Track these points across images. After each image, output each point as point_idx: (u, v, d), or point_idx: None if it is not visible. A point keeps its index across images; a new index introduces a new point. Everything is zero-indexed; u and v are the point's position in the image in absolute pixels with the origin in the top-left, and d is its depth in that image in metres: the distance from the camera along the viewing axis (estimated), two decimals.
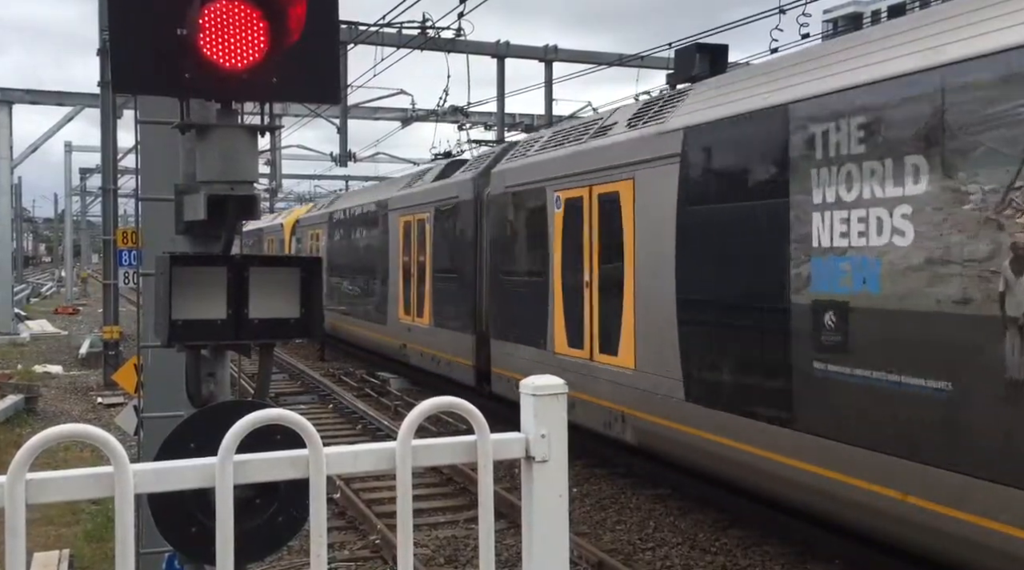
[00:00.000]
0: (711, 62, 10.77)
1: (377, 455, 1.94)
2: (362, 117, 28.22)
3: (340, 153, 24.57)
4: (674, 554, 9.06)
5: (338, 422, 16.25)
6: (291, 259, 3.41)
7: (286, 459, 1.86)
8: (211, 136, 3.27)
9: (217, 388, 3.44)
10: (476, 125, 26.58)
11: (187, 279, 3.18)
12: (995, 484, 6.01)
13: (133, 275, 17.66)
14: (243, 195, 3.27)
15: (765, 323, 8.11)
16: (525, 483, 2.09)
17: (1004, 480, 5.95)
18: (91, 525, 9.88)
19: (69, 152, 51.75)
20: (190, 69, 3.08)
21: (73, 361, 24.58)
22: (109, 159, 20.62)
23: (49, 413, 16.94)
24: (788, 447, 7.76)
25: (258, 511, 2.99)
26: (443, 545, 9.34)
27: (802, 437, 7.62)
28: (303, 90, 3.44)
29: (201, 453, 1.97)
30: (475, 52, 22.17)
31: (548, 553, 2.08)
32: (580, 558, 8.64)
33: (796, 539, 8.91)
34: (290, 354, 25.16)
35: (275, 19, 3.14)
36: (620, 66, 22.93)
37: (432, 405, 1.97)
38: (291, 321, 3.34)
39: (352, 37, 20.08)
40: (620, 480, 11.58)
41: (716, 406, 8.79)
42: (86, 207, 67.65)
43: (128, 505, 1.70)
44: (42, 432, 1.69)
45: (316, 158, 42.87)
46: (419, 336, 18.08)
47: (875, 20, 74.82)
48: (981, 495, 6.11)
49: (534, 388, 2.07)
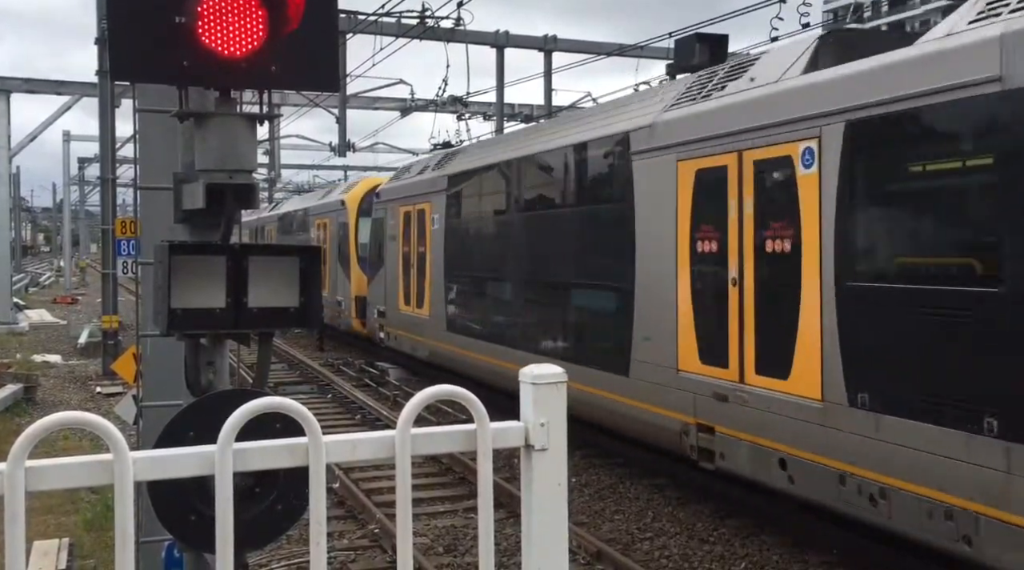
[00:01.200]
0: (711, 52, 10.75)
1: (376, 443, 1.94)
2: (361, 107, 28.14)
3: (339, 143, 24.51)
4: (672, 544, 9.09)
5: (337, 412, 16.27)
6: (290, 248, 3.40)
7: (285, 447, 1.86)
8: (210, 125, 3.27)
9: (216, 377, 3.44)
10: (475, 115, 26.53)
11: (186, 268, 3.18)
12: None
13: (132, 264, 17.64)
14: (242, 184, 3.27)
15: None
16: (524, 472, 2.09)
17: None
18: (91, 514, 9.89)
19: (67, 141, 51.68)
20: (188, 57, 3.07)
21: (72, 350, 24.59)
22: (108, 148, 20.58)
23: (48, 402, 16.96)
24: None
25: (257, 500, 2.99)
26: (442, 534, 9.36)
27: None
28: (302, 78, 3.43)
29: (200, 442, 1.97)
30: (474, 42, 22.11)
31: (547, 542, 2.08)
32: (579, 548, 8.66)
33: (793, 529, 8.93)
34: (289, 344, 25.17)
35: (274, 7, 3.13)
36: (620, 56, 22.89)
37: (431, 393, 1.96)
38: (290, 310, 3.34)
39: (351, 26, 20.02)
40: (619, 470, 11.60)
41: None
42: (85, 196, 67.57)
43: (128, 492, 1.70)
44: (42, 419, 1.69)
45: (315, 148, 42.79)
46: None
47: (875, 10, 74.76)
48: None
49: (533, 377, 2.07)
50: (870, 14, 70.16)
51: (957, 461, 6.40)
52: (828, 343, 7.54)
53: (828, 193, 7.62)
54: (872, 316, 7.21)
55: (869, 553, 8.03)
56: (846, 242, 7.49)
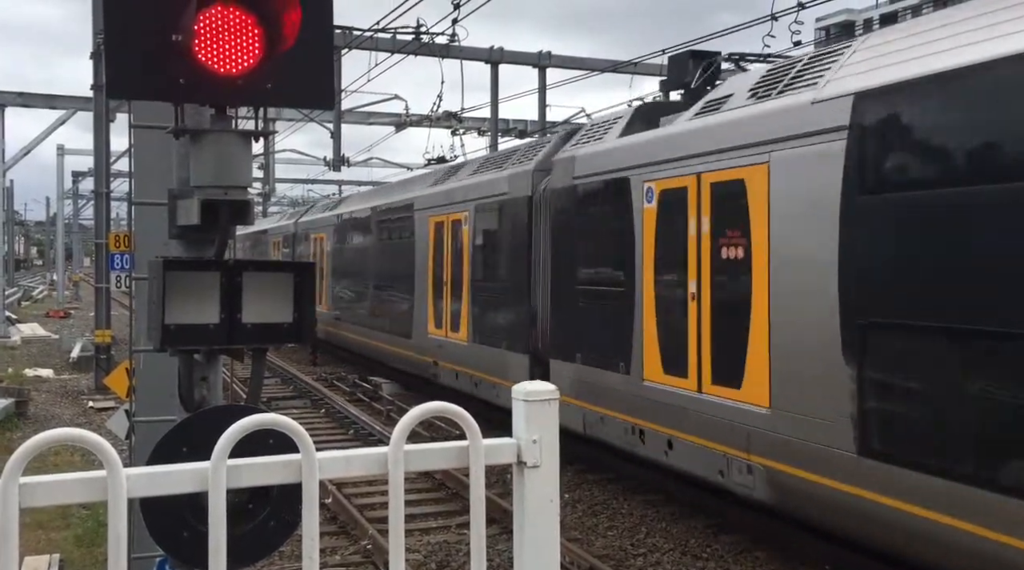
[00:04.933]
0: (704, 69, 10.82)
1: (370, 460, 1.95)
2: (356, 122, 28.23)
3: (334, 158, 24.57)
4: (666, 560, 9.07)
5: (330, 427, 16.23)
6: (284, 264, 3.42)
7: (279, 463, 1.87)
8: (205, 141, 3.28)
9: (209, 392, 3.44)
10: (470, 130, 26.62)
11: (180, 283, 3.19)
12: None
13: (125, 279, 17.62)
14: (237, 200, 3.28)
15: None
16: (517, 488, 2.10)
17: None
18: (81, 530, 9.84)
19: (61, 155, 51.62)
20: (185, 74, 3.09)
21: (64, 365, 24.49)
22: (102, 162, 20.59)
23: (40, 417, 16.88)
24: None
25: (250, 515, 2.99)
26: (435, 550, 9.33)
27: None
28: (297, 95, 3.45)
29: (193, 457, 1.98)
30: (469, 58, 22.23)
31: (539, 558, 2.09)
32: (572, 564, 8.64)
33: (786, 545, 8.93)
34: (282, 358, 25.12)
35: (270, 25, 3.15)
36: (614, 72, 23.01)
37: (425, 410, 1.97)
38: (284, 326, 3.35)
39: (346, 42, 20.11)
40: (612, 486, 11.58)
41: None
42: (78, 210, 67.44)
43: (121, 509, 1.71)
44: (36, 436, 1.69)
45: (309, 162, 42.83)
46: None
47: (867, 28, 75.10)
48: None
49: (526, 394, 2.09)
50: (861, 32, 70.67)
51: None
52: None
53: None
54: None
55: (861, 568, 8.02)
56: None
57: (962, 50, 6.41)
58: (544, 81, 23.73)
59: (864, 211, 7.00)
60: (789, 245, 7.76)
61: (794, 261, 7.70)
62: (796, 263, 7.68)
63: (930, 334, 6.43)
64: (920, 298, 6.52)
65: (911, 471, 6.47)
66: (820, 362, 7.31)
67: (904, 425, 6.62)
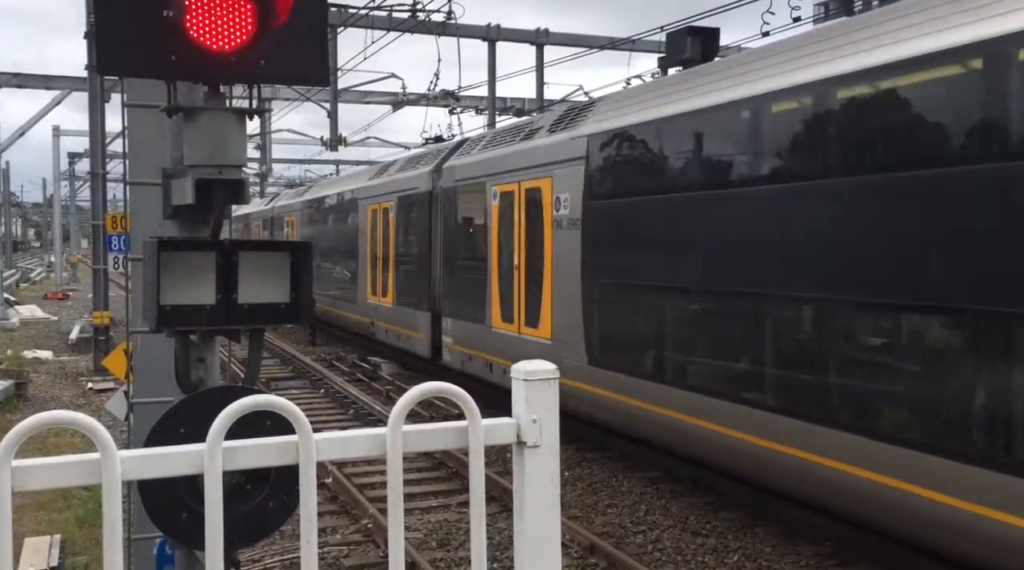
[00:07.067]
0: (703, 45, 10.75)
1: (368, 441, 1.93)
2: (352, 101, 28.07)
3: (330, 137, 24.47)
4: (665, 537, 9.11)
5: (330, 407, 16.25)
6: (281, 244, 3.39)
7: (275, 445, 1.84)
8: (198, 119, 3.24)
9: (207, 373, 3.42)
10: (467, 109, 26.48)
11: (176, 264, 3.16)
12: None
13: (123, 260, 17.58)
14: (231, 179, 3.24)
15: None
16: (517, 468, 2.08)
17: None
18: (82, 510, 9.87)
19: (57, 136, 51.42)
20: (177, 51, 3.05)
21: (63, 346, 24.50)
22: (97, 143, 20.49)
23: (39, 399, 16.90)
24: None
25: (249, 497, 2.98)
26: (435, 529, 9.37)
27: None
28: (291, 73, 3.41)
29: (191, 439, 1.95)
30: (466, 35, 22.06)
31: (540, 537, 2.08)
32: (572, 541, 8.67)
33: (786, 521, 8.96)
34: (280, 339, 25.13)
35: (262, 1, 3.11)
36: (612, 50, 22.86)
37: (423, 391, 1.95)
38: (281, 306, 3.33)
39: (342, 20, 19.95)
40: (611, 464, 11.61)
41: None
42: (75, 192, 67.26)
43: (116, 492, 1.69)
44: (28, 419, 1.67)
45: (306, 142, 42.72)
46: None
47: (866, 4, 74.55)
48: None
49: (525, 373, 2.06)
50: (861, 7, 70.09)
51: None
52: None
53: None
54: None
55: (861, 544, 8.06)
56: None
57: (630, 114, 10.44)
58: (542, 59, 23.59)
59: (589, 210, 11.05)
60: (561, 230, 11.70)
61: (563, 240, 11.62)
62: (564, 242, 11.60)
63: (624, 289, 10.45)
64: (617, 265, 10.60)
65: (615, 372, 10.53)
66: (573, 308, 11.32)
67: (610, 345, 10.76)
